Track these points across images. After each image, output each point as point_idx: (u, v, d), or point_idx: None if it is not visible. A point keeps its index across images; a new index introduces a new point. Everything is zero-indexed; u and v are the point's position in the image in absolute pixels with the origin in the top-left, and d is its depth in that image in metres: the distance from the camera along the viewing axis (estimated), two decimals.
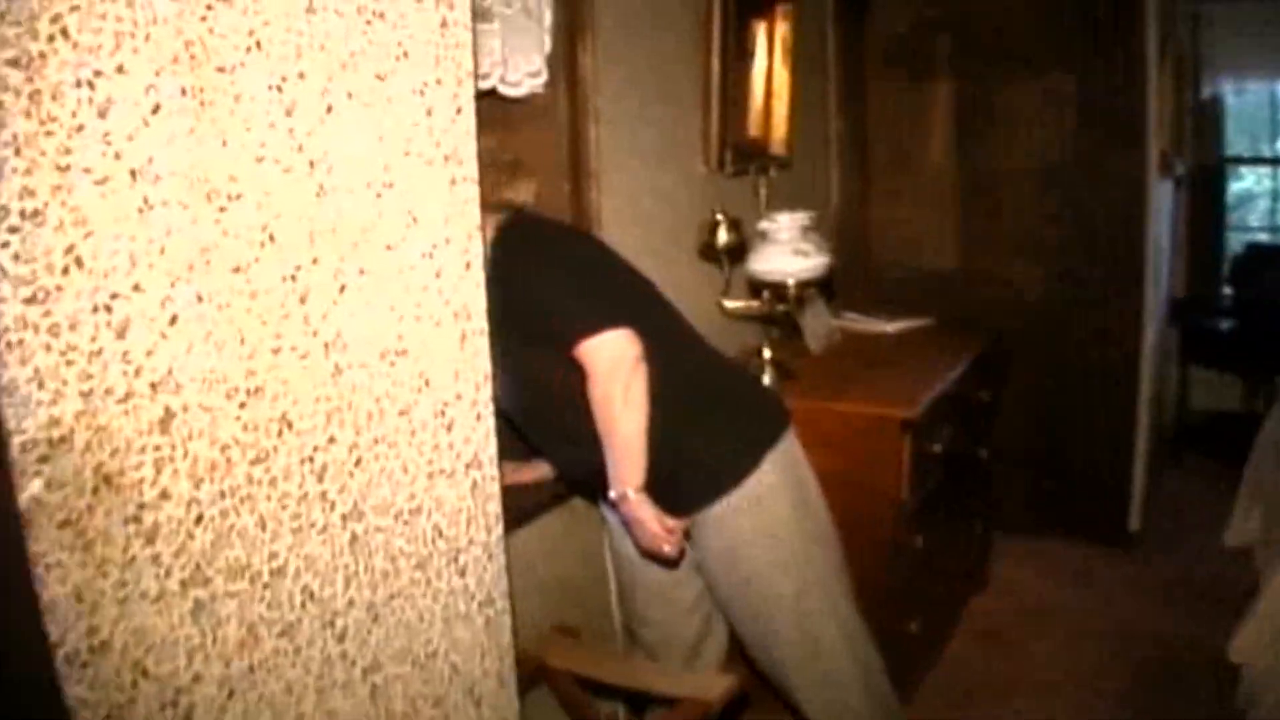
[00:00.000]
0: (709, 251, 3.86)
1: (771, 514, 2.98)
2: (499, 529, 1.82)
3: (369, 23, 1.49)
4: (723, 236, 3.80)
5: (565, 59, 3.18)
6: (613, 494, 2.84)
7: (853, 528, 3.39)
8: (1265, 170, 8.08)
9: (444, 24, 1.61)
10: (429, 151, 1.59)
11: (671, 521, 2.84)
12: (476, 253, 1.69)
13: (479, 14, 2.83)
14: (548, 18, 3.08)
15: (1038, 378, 5.48)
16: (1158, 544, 5.58)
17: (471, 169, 1.67)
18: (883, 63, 5.51)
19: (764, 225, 3.75)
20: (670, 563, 2.98)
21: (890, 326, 4.84)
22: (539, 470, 3.23)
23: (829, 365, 4.22)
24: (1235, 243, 7.62)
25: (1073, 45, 5.20)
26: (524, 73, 3.02)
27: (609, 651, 3.29)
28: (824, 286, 4.23)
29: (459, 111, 1.64)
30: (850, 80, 5.41)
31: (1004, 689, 4.28)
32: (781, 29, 4.47)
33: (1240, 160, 8.06)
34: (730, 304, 3.94)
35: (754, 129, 4.42)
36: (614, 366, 2.70)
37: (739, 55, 4.18)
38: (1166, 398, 6.81)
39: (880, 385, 3.90)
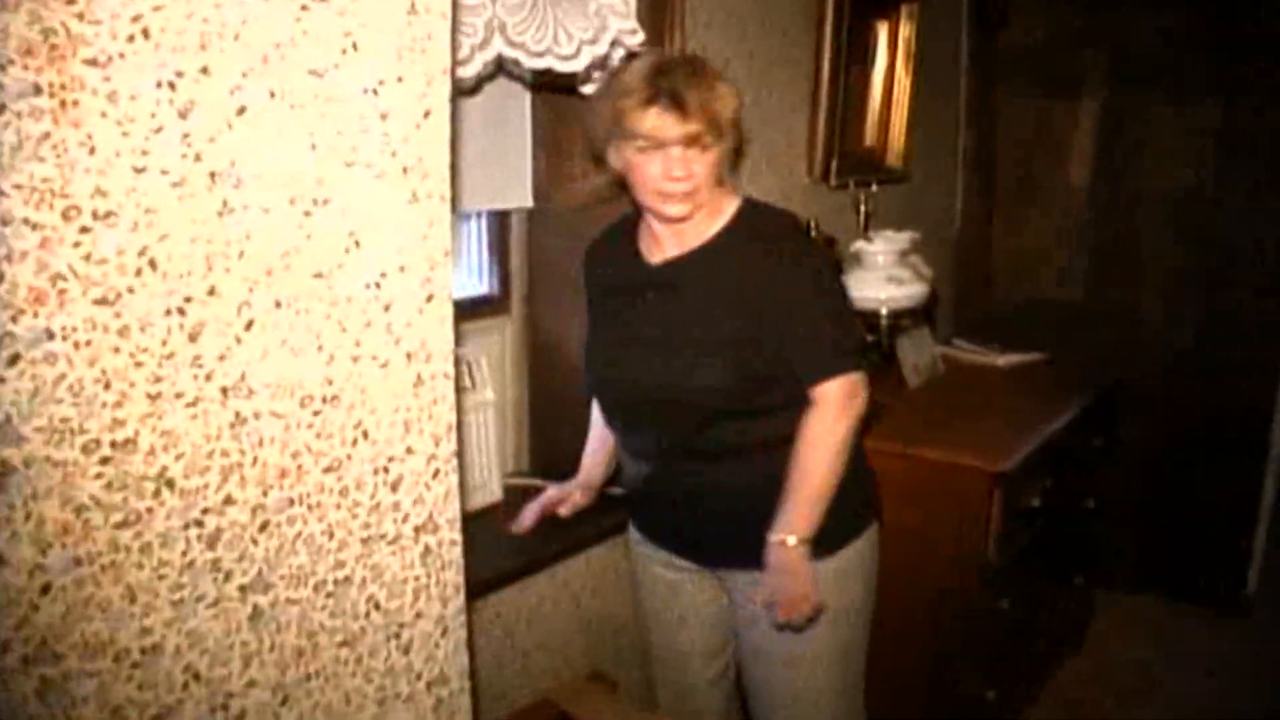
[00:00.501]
0: None
1: (858, 587, 2.68)
2: (458, 600, 1.57)
3: (304, 8, 1.25)
4: None
5: (651, 44, 2.93)
6: (774, 537, 2.48)
7: (929, 587, 3.09)
8: None
9: (412, 9, 1.36)
10: (381, 162, 1.34)
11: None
12: (444, 283, 1.44)
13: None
14: (632, 3, 2.83)
15: (1158, 423, 5.10)
16: (1277, 614, 5.16)
17: (441, 184, 1.42)
18: (1017, 76, 5.17)
19: (858, 246, 3.49)
20: (791, 626, 2.63)
21: (1001, 359, 4.51)
22: (587, 492, 2.96)
23: (923, 403, 3.88)
24: None
25: (1223, 69, 4.83)
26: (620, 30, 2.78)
27: (634, 710, 3.00)
28: (924, 314, 3.93)
29: (427, 115, 1.39)
30: (981, 92, 5.08)
31: None
32: (906, 31, 4.18)
33: None
34: None
35: (869, 138, 4.13)
36: (853, 409, 2.48)
37: (856, 57, 3.88)
38: None
39: (975, 430, 3.55)
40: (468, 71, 2.32)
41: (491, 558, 2.79)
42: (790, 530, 2.45)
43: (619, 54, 2.75)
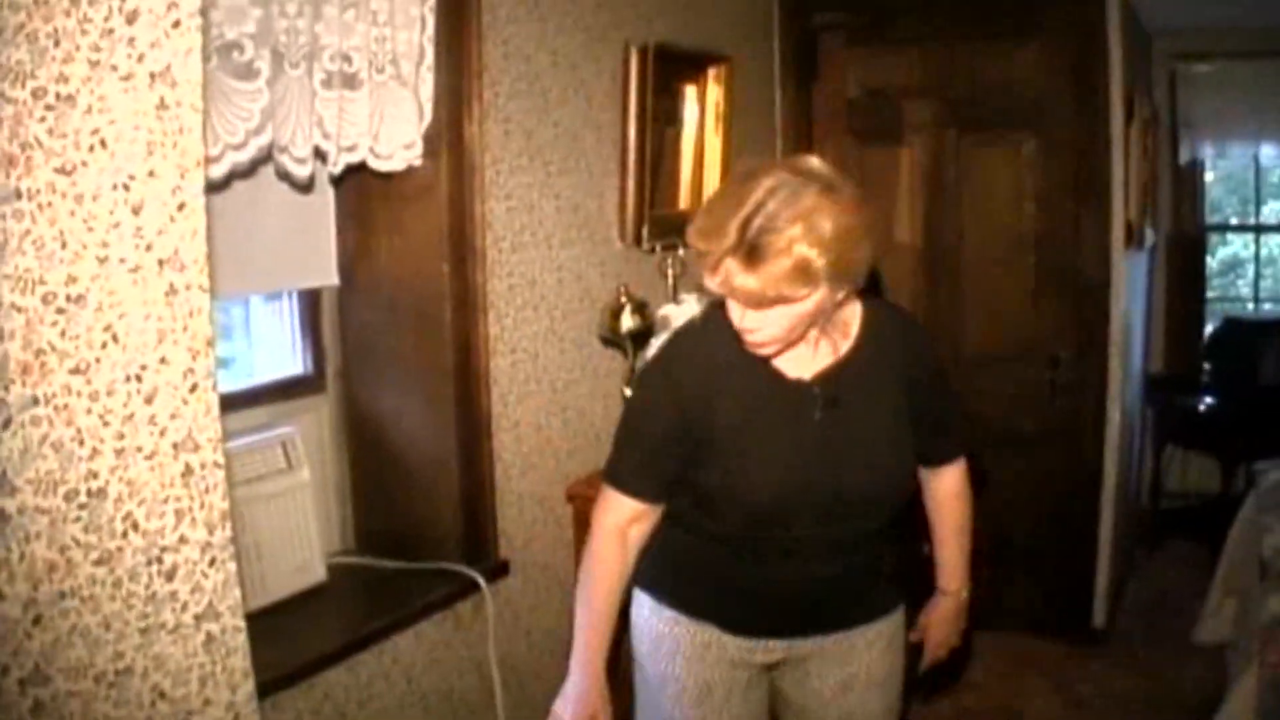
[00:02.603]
0: (613, 336, 3.58)
1: (901, 650, 2.61)
2: (248, 685, 1.58)
3: (49, 108, 1.26)
4: (627, 321, 3.48)
5: (449, 129, 2.95)
6: (953, 587, 2.64)
7: None
8: (1251, 236, 7.81)
9: (162, 105, 1.38)
10: (134, 256, 1.35)
11: None
12: (207, 371, 1.46)
13: (344, 81, 2.61)
14: (426, 86, 2.85)
15: (999, 463, 5.21)
16: (1130, 640, 5.23)
17: (199, 275, 1.43)
18: (835, 128, 5.25)
19: (665, 311, 3.49)
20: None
21: None
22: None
23: None
24: (1218, 315, 7.34)
25: (1039, 106, 4.96)
26: (398, 144, 2.79)
27: None
28: None
29: (181, 208, 1.41)
30: (798, 146, 5.17)
31: None
32: (714, 94, 4.22)
33: (1223, 228, 7.80)
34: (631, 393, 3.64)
35: (682, 200, 4.17)
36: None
37: (664, 121, 3.93)
38: (1141, 480, 6.55)
39: None
40: (242, 156, 2.29)
41: (315, 639, 2.77)
42: (962, 582, 2.64)
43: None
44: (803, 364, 2.28)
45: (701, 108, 4.18)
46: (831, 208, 1.95)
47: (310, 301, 3.11)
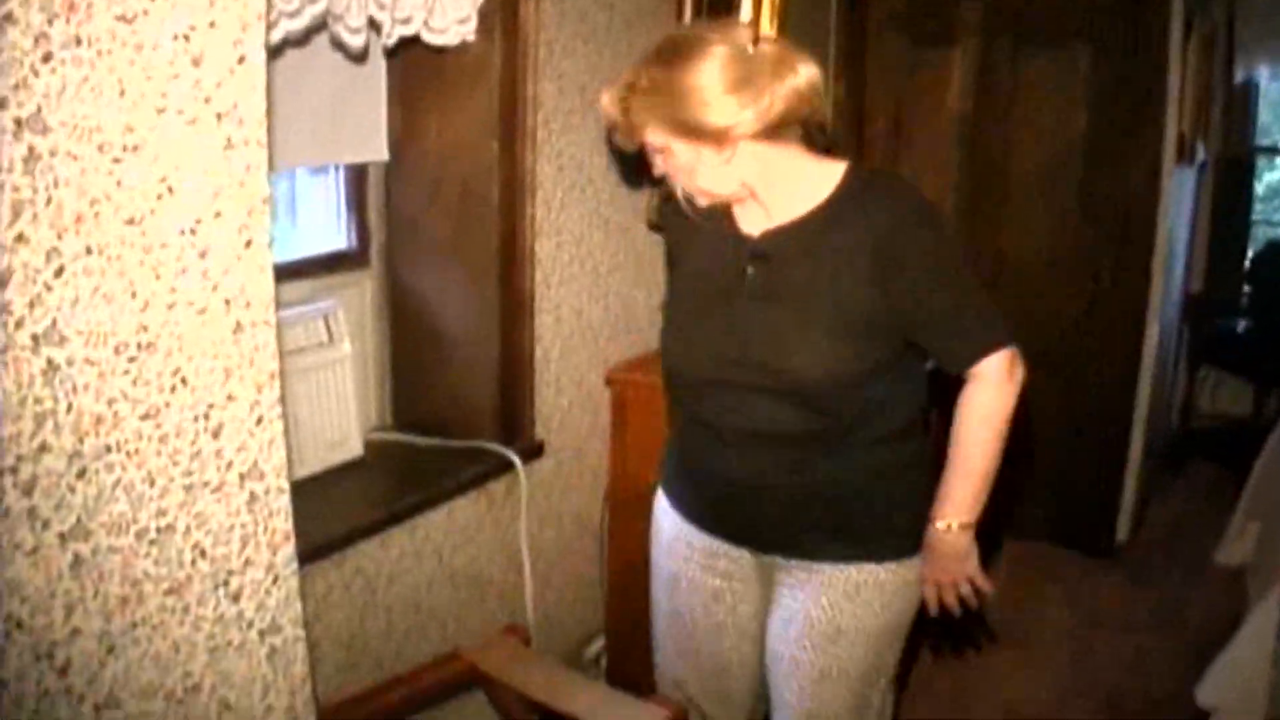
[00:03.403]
0: (660, 223, 3.54)
1: (908, 606, 2.48)
2: (288, 547, 1.58)
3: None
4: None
5: (504, 6, 2.90)
6: (939, 524, 2.36)
7: None
8: None
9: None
10: (192, 108, 1.34)
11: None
12: (262, 229, 1.44)
13: None
14: None
15: (1035, 372, 5.17)
16: (1150, 558, 5.27)
17: (257, 129, 1.41)
18: (887, 28, 5.17)
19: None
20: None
21: None
22: None
23: None
24: (1259, 241, 7.27)
25: (1096, 16, 4.88)
26: (452, 19, 2.76)
27: (549, 663, 2.98)
28: None
29: (241, 61, 1.39)
30: (851, 44, 5.09)
31: (958, 713, 4.00)
32: None
33: (1273, 150, 7.70)
34: None
35: None
36: (1017, 382, 2.35)
37: (719, 11, 3.88)
38: (1173, 400, 6.52)
39: None
40: (297, 24, 2.27)
41: (349, 512, 2.79)
42: (955, 514, 2.35)
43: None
44: (757, 222, 2.31)
45: (758, 3, 4.11)
46: (662, 65, 2.14)
47: (356, 177, 3.09)
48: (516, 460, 3.15)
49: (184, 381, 1.37)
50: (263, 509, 1.51)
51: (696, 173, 2.23)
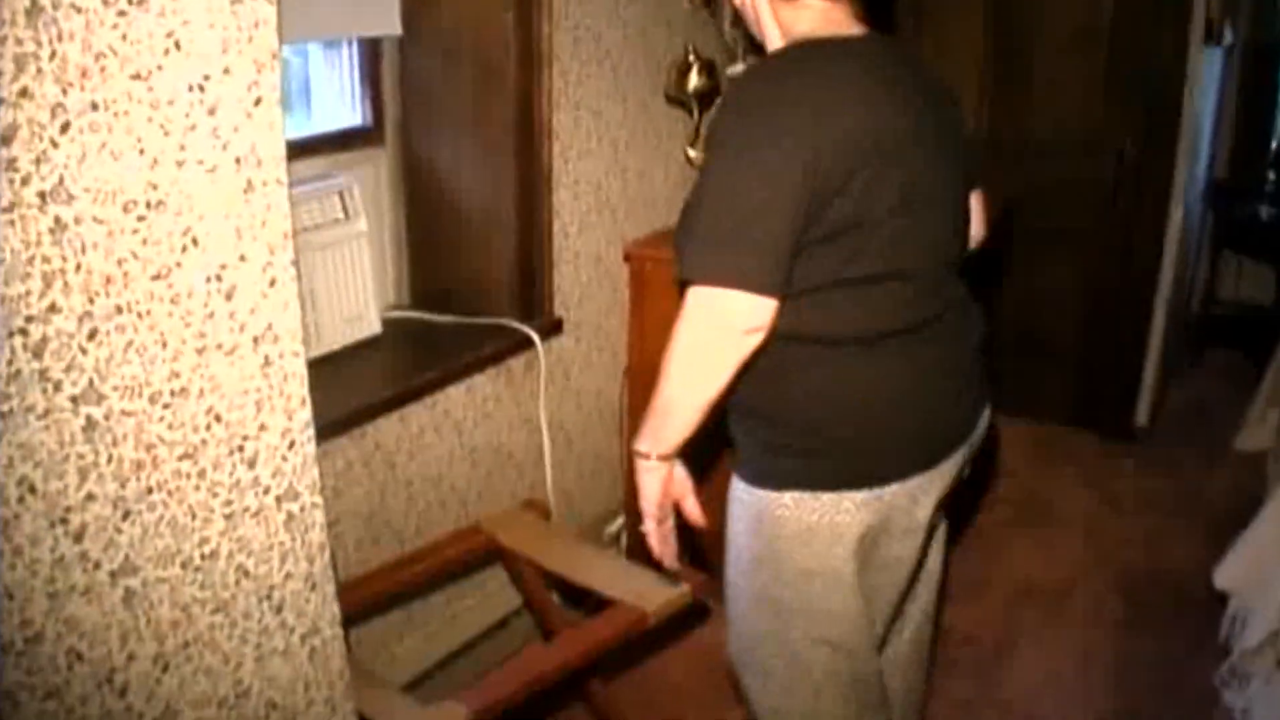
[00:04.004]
0: (679, 95, 3.51)
1: (751, 542, 2.15)
2: (304, 413, 1.56)
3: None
4: (694, 80, 3.42)
5: None
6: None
7: None
8: None
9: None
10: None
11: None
12: (271, 85, 1.41)
13: None
14: None
15: (1056, 254, 5.16)
16: (1168, 442, 5.24)
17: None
18: None
19: (733, 70, 3.45)
20: None
21: None
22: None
23: None
24: None
25: None
26: None
27: (568, 538, 2.98)
28: None
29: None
30: None
31: (974, 592, 4.01)
32: None
33: None
34: (697, 154, 3.57)
35: None
36: (717, 328, 1.94)
37: None
38: (1195, 285, 6.48)
39: None
40: None
41: (367, 388, 2.78)
42: (636, 440, 2.11)
43: None
44: None
45: None
46: None
47: (370, 52, 3.05)
48: (535, 337, 3.14)
49: (195, 242, 1.35)
50: (277, 372, 1.50)
51: (759, 20, 2.14)
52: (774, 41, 2.12)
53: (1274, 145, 6.81)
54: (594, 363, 3.44)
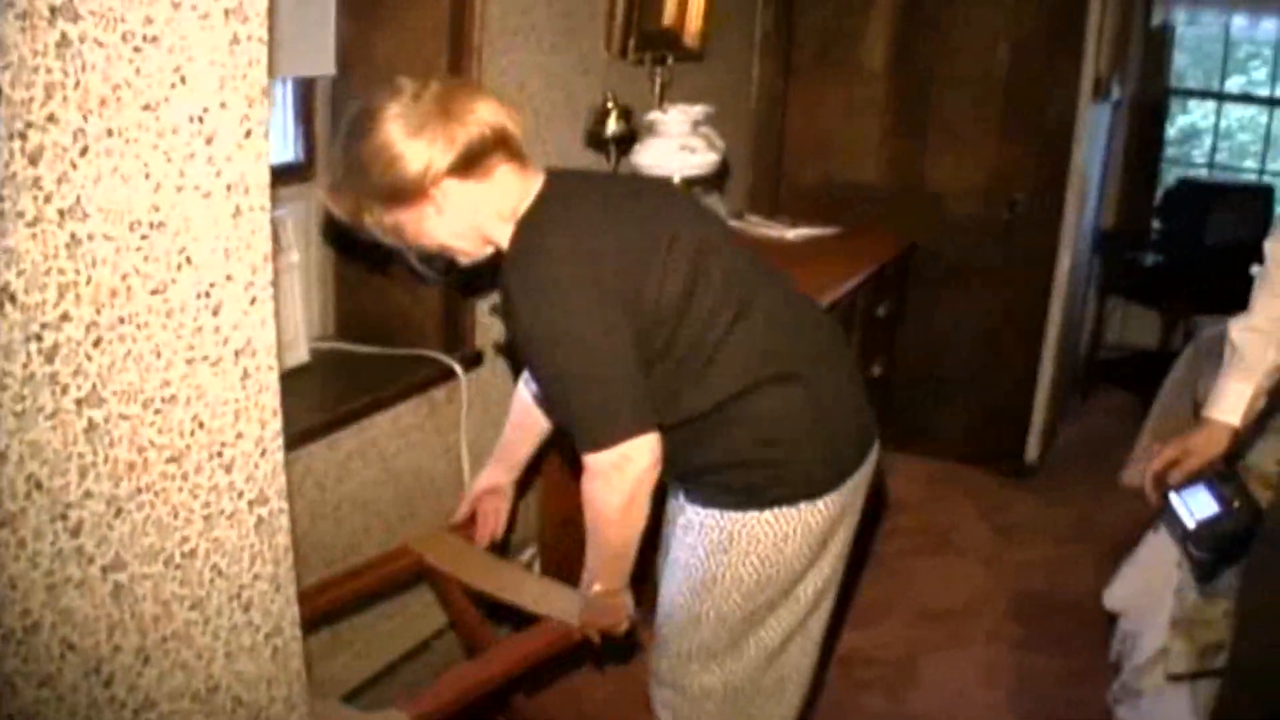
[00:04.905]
0: (597, 140, 3.68)
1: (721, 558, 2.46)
2: (275, 423, 1.68)
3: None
4: (612, 125, 3.61)
5: None
6: (586, 587, 2.54)
7: None
8: (1212, 105, 7.91)
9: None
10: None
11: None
12: (261, 120, 1.54)
13: None
14: None
15: (950, 297, 5.38)
16: (1058, 476, 5.56)
17: (258, 28, 1.51)
18: None
19: (652, 117, 3.61)
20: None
21: (791, 233, 4.69)
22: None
23: None
24: (1172, 178, 7.49)
25: None
26: None
27: (490, 558, 3.10)
28: (716, 184, 4.09)
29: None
30: None
31: (877, 616, 4.18)
32: None
33: (1186, 93, 7.90)
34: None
35: (668, 18, 4.22)
36: (629, 475, 2.30)
37: None
38: (1083, 329, 6.74)
39: None
40: None
41: (299, 415, 2.87)
42: (594, 580, 2.50)
43: None
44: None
45: None
46: (346, 147, 2.27)
47: (305, 90, 3.15)
48: (458, 368, 3.27)
49: (189, 260, 1.46)
50: (254, 384, 1.61)
51: (433, 234, 2.32)
52: (501, 235, 2.33)
53: (1158, 195, 7.10)
54: (509, 393, 3.54)
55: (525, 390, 2.87)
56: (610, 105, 3.61)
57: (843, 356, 2.63)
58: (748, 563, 2.41)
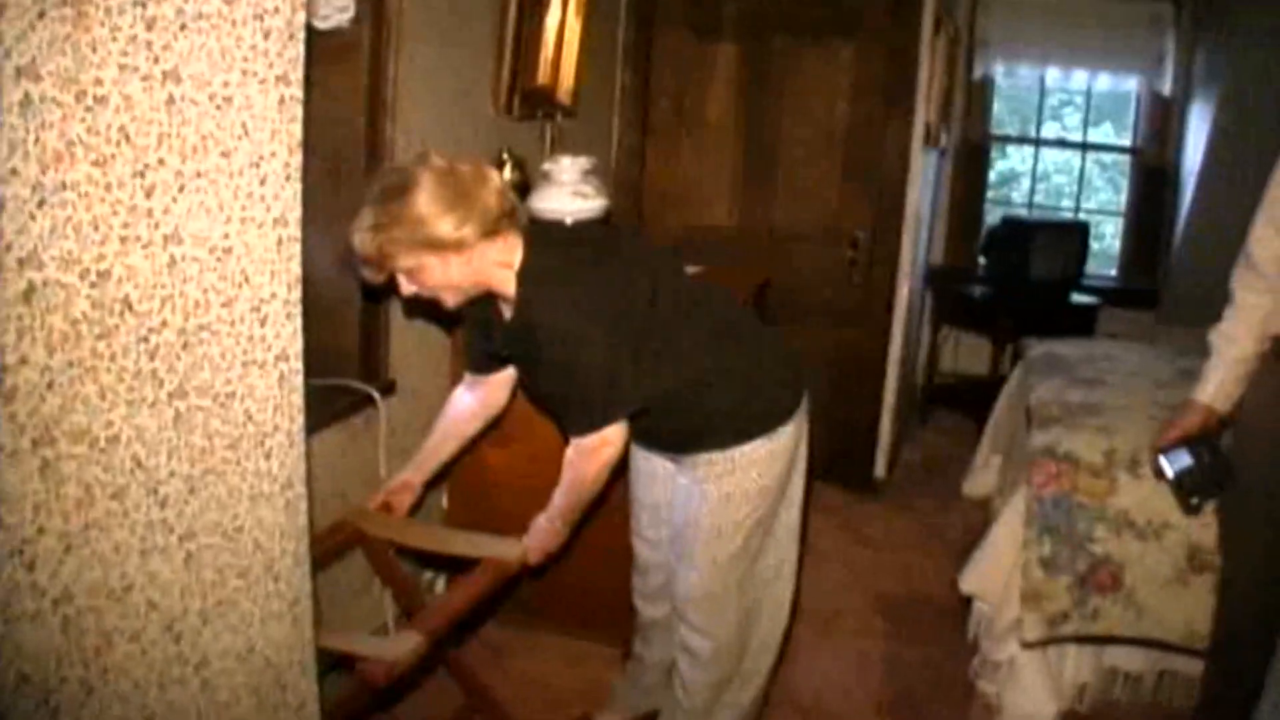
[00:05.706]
0: None
1: (770, 476, 3.22)
2: (300, 418, 2.01)
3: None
4: (507, 174, 4.01)
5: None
6: (543, 518, 3.09)
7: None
8: (1030, 150, 8.56)
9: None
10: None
11: None
12: (296, 164, 1.88)
13: None
14: None
15: (802, 330, 5.74)
16: (905, 491, 6.09)
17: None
18: (671, 20, 5.72)
19: (547, 166, 3.94)
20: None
21: None
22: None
23: None
24: (994, 217, 8.03)
25: (854, 17, 5.52)
26: (334, 7, 3.16)
27: (423, 523, 3.57)
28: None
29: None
30: (639, 35, 5.64)
31: None
32: None
33: (1006, 139, 8.54)
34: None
35: (543, 77, 4.57)
36: (602, 456, 3.00)
37: (535, 5, 4.35)
38: (919, 358, 7.26)
39: None
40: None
41: None
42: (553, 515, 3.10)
43: None
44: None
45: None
46: (388, 203, 2.72)
47: None
48: (377, 396, 3.59)
49: (247, 280, 1.79)
50: (287, 385, 1.93)
51: (449, 278, 2.81)
52: (499, 280, 2.89)
53: (983, 233, 7.65)
54: (420, 420, 3.82)
55: (468, 396, 3.33)
56: (505, 156, 3.99)
57: (768, 330, 3.44)
58: (749, 477, 3.14)
